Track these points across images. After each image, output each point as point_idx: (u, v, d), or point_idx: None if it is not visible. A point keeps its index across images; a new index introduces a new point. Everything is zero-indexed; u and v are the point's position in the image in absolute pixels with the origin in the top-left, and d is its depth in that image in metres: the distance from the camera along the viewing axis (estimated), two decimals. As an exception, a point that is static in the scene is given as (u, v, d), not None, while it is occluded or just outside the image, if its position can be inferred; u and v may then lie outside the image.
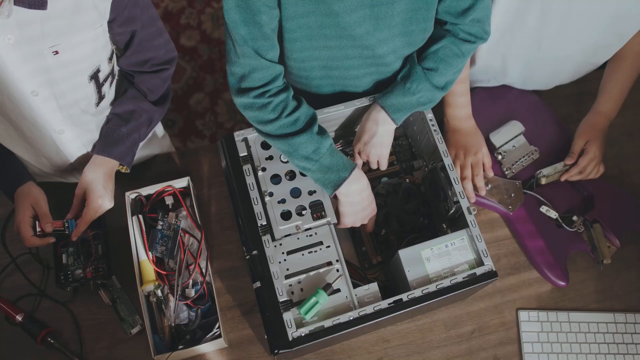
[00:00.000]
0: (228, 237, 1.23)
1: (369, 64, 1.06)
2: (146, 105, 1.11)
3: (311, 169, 1.03)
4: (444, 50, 1.06)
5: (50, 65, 0.92)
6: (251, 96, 1.00)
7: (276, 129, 1.02)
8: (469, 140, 1.24)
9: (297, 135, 1.01)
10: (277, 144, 1.04)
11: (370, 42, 1.00)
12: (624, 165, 1.36)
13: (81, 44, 0.93)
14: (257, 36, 0.94)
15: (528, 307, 1.23)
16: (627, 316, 1.23)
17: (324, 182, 1.04)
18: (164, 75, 1.11)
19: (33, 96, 0.94)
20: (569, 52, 1.23)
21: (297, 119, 1.02)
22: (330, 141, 1.04)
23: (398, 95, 1.07)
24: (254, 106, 1.01)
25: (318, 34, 0.97)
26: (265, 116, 1.01)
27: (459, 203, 1.07)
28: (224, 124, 2.27)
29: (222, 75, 2.33)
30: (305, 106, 1.04)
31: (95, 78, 1.01)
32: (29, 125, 1.01)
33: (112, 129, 1.09)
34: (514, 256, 1.27)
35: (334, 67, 1.07)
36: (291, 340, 0.95)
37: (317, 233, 1.04)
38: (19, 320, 1.12)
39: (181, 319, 1.09)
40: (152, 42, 1.05)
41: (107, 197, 1.07)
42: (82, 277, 1.13)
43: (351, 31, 0.97)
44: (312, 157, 1.02)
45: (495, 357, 1.19)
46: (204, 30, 2.41)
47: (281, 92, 1.02)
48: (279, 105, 1.01)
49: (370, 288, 1.02)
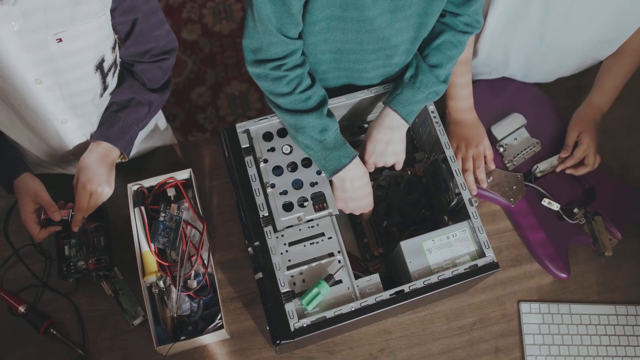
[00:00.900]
0: (229, 229, 1.23)
1: (380, 55, 1.06)
2: (145, 93, 1.11)
3: (314, 148, 1.03)
4: (446, 44, 1.06)
5: (55, 54, 0.91)
6: (267, 68, 0.99)
7: (287, 103, 1.02)
8: (470, 132, 1.24)
9: (307, 114, 1.02)
10: (285, 117, 1.04)
11: (388, 33, 1.00)
12: (626, 159, 1.36)
13: (86, 33, 0.93)
14: (282, 14, 0.91)
15: (529, 299, 1.24)
16: (628, 308, 1.24)
17: (324, 164, 1.05)
18: (164, 65, 1.11)
19: (37, 84, 0.94)
20: (572, 46, 1.23)
21: (310, 97, 1.02)
22: (337, 125, 1.05)
23: (408, 94, 1.07)
24: (268, 77, 1.00)
25: (338, 19, 0.96)
26: (279, 89, 1.01)
27: (461, 195, 1.07)
28: (225, 117, 2.27)
29: (223, 69, 2.33)
30: (318, 86, 1.05)
31: (100, 68, 1.01)
32: (31, 113, 1.01)
33: (109, 115, 1.08)
34: (515, 248, 1.27)
35: (345, 54, 1.05)
36: (293, 330, 0.95)
37: (319, 224, 1.04)
38: (21, 311, 1.12)
39: (183, 310, 1.09)
40: (153, 33, 1.05)
41: (106, 183, 1.06)
42: (85, 268, 1.13)
43: (372, 20, 0.96)
44: (318, 137, 1.02)
45: (497, 349, 1.19)
46: (205, 24, 2.40)
47: (297, 67, 1.01)
48: (293, 80, 1.01)
49: (372, 279, 1.02)
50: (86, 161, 1.06)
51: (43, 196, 1.06)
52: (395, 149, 1.11)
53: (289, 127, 1.05)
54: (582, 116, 1.28)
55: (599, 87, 1.29)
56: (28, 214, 1.05)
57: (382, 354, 1.17)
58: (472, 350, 1.19)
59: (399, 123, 1.08)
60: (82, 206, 1.05)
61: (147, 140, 1.28)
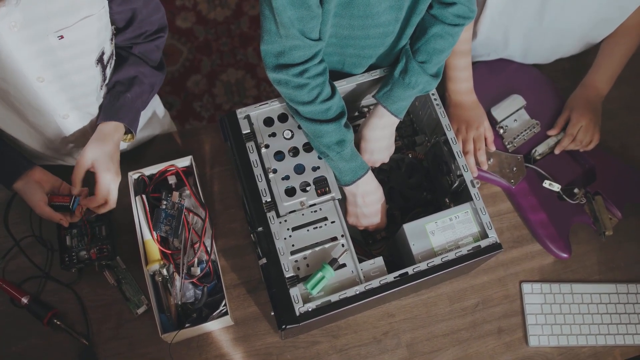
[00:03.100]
0: (231, 215, 1.23)
1: (383, 44, 1.06)
2: (147, 70, 1.10)
3: (331, 157, 1.04)
4: (435, 39, 1.05)
5: (56, 49, 0.90)
6: (290, 74, 0.98)
7: (308, 112, 1.02)
8: (471, 114, 1.24)
9: (326, 124, 1.02)
10: (304, 124, 1.04)
11: (394, 28, 1.01)
12: (625, 138, 1.37)
13: (87, 26, 0.91)
14: (305, 17, 0.91)
15: (531, 279, 1.24)
16: (629, 287, 1.24)
17: (340, 175, 1.05)
18: (160, 43, 1.11)
19: (39, 82, 0.93)
20: (572, 25, 1.22)
21: (329, 108, 1.02)
22: (353, 136, 1.05)
23: (398, 91, 1.07)
24: (290, 84, 0.99)
25: (346, 12, 0.96)
26: (300, 97, 1.01)
27: (463, 176, 1.07)
28: (222, 105, 2.26)
29: (218, 57, 2.32)
30: (338, 97, 1.04)
31: (101, 61, 1.00)
32: (33, 111, 1.00)
33: (116, 95, 1.06)
34: (516, 229, 1.28)
35: (349, 44, 1.06)
36: (298, 315, 0.95)
37: (322, 209, 1.04)
38: (24, 302, 1.12)
39: (187, 298, 1.09)
40: (151, 18, 1.05)
41: (115, 170, 1.04)
42: (87, 258, 1.12)
43: (378, 15, 0.97)
44: (335, 148, 1.03)
45: (500, 329, 1.20)
46: (199, 12, 2.38)
47: (319, 76, 1.01)
48: (314, 89, 1.00)
49: (376, 262, 1.02)
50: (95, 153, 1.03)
51: (50, 179, 1.05)
52: (389, 143, 1.12)
53: (308, 136, 1.06)
54: (575, 96, 1.30)
55: (595, 67, 1.29)
56: (39, 202, 1.03)
57: (386, 337, 1.17)
58: (475, 332, 1.19)
59: (390, 120, 1.08)
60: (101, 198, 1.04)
61: (146, 128, 1.27)
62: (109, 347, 1.12)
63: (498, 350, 1.19)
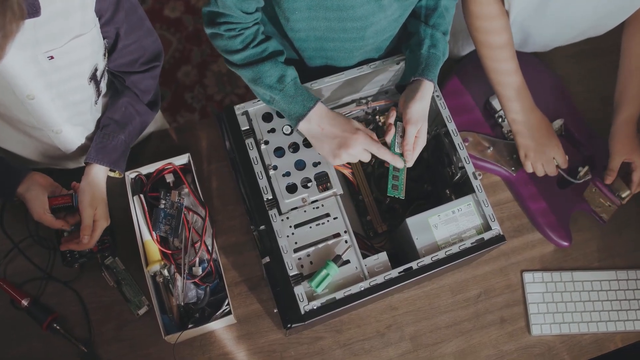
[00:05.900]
0: (230, 212, 1.21)
1: (361, 36, 1.03)
2: (141, 108, 1.10)
3: (276, 98, 1.00)
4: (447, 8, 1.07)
5: (47, 70, 0.89)
6: (222, 29, 0.98)
7: (243, 59, 1.00)
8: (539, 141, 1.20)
9: (263, 63, 0.99)
10: (243, 72, 1.02)
11: (369, 21, 0.99)
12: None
13: (78, 46, 0.90)
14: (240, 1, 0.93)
15: (532, 268, 1.24)
16: (629, 273, 1.25)
17: (290, 114, 1.01)
18: (155, 73, 1.09)
19: (29, 100, 0.91)
20: (576, 15, 1.18)
21: (265, 49, 1.00)
22: (296, 74, 1.02)
23: (433, 62, 1.05)
24: (224, 36, 0.99)
25: (318, 5, 0.94)
26: (234, 45, 1.00)
27: (464, 168, 1.06)
28: (213, 96, 2.23)
29: (209, 47, 2.28)
30: (274, 41, 1.03)
31: (94, 78, 0.98)
32: (24, 126, 0.99)
33: (109, 135, 1.07)
34: (516, 219, 1.28)
35: (329, 39, 1.04)
36: (303, 313, 0.95)
37: (324, 205, 1.03)
38: (24, 304, 1.10)
39: (189, 298, 1.08)
40: (142, 42, 1.03)
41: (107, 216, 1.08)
42: (88, 251, 1.11)
43: (353, 9, 0.95)
44: (277, 86, 0.99)
45: (502, 319, 1.20)
46: (187, 1, 2.34)
47: (252, 26, 1.00)
48: (248, 37, 1.00)
49: (380, 257, 1.01)
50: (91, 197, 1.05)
51: (51, 182, 1.06)
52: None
53: (249, 83, 1.03)
54: (621, 138, 1.19)
55: (625, 99, 1.19)
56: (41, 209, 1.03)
57: (390, 330, 1.17)
58: (478, 322, 1.19)
59: (431, 90, 1.05)
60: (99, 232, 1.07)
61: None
62: (111, 349, 1.11)
63: (501, 340, 1.19)
